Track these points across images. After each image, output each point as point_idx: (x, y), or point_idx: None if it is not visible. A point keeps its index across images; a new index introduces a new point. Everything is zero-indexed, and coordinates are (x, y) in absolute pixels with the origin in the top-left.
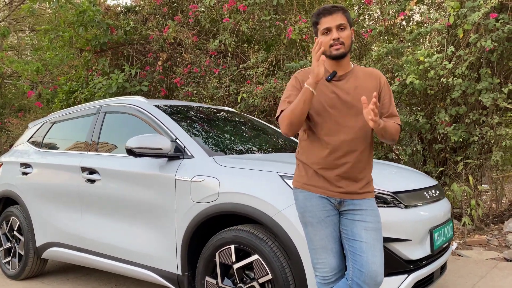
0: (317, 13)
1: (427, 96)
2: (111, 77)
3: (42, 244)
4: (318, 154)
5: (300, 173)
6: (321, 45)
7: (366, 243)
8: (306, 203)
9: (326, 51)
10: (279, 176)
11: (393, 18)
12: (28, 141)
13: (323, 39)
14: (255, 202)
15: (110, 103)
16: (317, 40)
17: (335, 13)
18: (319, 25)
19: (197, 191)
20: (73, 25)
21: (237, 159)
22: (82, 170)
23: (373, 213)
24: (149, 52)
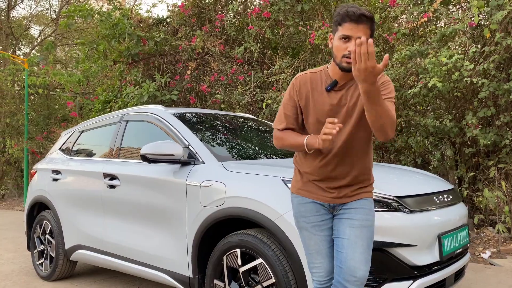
0: (342, 15)
1: (455, 99)
2: (143, 87)
3: (70, 247)
4: (312, 164)
5: (296, 179)
6: (335, 127)
7: (348, 239)
8: (300, 208)
9: (336, 59)
10: (281, 180)
11: (417, 20)
12: (59, 149)
13: (339, 44)
14: (258, 206)
15: (131, 112)
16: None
17: (361, 23)
18: (340, 28)
19: (205, 195)
20: (107, 38)
21: (244, 164)
22: (104, 176)
23: (363, 212)
24: (178, 62)
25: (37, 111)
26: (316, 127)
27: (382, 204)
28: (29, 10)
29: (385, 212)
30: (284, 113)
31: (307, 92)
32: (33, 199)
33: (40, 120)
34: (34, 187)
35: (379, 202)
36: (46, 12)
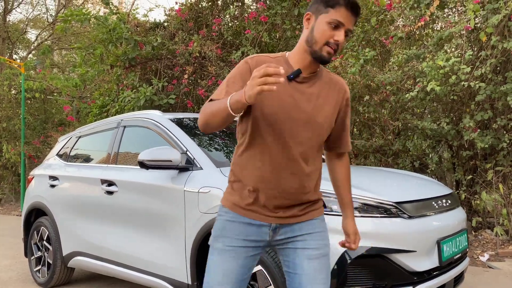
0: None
1: (452, 102)
2: (140, 91)
3: (68, 253)
4: (258, 172)
5: (232, 190)
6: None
7: (306, 275)
8: (225, 226)
9: (315, 46)
10: None
11: (414, 24)
12: (57, 155)
13: (326, 29)
14: None
15: (129, 117)
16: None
17: (355, 15)
18: (332, 10)
19: (204, 202)
20: (104, 42)
21: None
22: (101, 182)
23: (319, 236)
24: (175, 66)
25: (34, 116)
26: (270, 125)
27: (381, 210)
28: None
29: (384, 218)
30: (227, 91)
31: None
32: (30, 205)
33: (37, 124)
34: (31, 193)
35: (377, 208)
36: (43, 16)
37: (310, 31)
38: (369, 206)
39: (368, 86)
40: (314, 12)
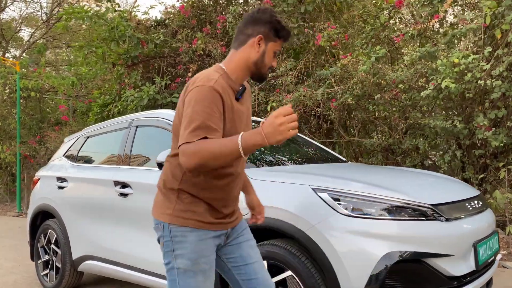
0: (283, 30)
1: (464, 100)
2: (143, 90)
3: (78, 257)
4: (214, 185)
5: (187, 207)
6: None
7: (257, 262)
8: (201, 246)
9: (262, 69)
10: (311, 189)
11: (426, 21)
12: (64, 156)
13: (272, 56)
14: (287, 217)
15: (141, 117)
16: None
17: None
18: (278, 41)
19: None
20: (106, 40)
21: (267, 171)
22: (115, 184)
23: (248, 230)
24: (179, 64)
25: (29, 115)
26: None
27: (417, 212)
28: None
29: (421, 221)
30: (207, 125)
31: (229, 101)
32: (36, 207)
33: (33, 124)
34: (37, 195)
35: (414, 210)
36: (37, 14)
37: (261, 56)
38: (405, 209)
39: (378, 84)
40: (265, 37)
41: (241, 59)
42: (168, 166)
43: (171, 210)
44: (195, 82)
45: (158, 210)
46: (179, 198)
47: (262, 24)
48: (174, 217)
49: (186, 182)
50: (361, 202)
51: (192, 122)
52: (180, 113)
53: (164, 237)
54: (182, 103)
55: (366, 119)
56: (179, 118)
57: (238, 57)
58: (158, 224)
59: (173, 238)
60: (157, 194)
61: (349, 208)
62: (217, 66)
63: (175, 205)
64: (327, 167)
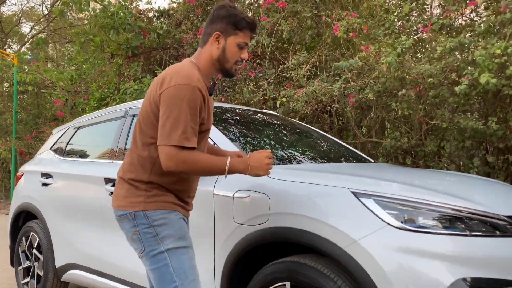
0: (243, 21)
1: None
2: (143, 82)
3: (62, 265)
4: (184, 179)
5: (158, 194)
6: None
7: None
8: (181, 224)
9: (226, 65)
10: (351, 193)
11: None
12: (50, 149)
13: (235, 50)
14: (319, 228)
15: (139, 105)
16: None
17: (254, 32)
18: (240, 33)
19: (241, 210)
20: (104, 28)
21: (292, 170)
22: (106, 181)
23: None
24: (182, 56)
25: (26, 110)
26: (204, 136)
27: (489, 226)
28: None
29: (496, 238)
30: (192, 128)
31: (206, 98)
32: (18, 206)
33: (30, 119)
34: (20, 192)
35: (484, 223)
36: (38, 8)
37: (221, 51)
38: (473, 221)
39: (402, 79)
40: (222, 32)
41: (206, 57)
42: (135, 157)
43: (142, 198)
44: (176, 78)
45: (125, 201)
46: (148, 188)
47: (219, 21)
48: (148, 203)
49: (156, 174)
50: (416, 211)
51: (178, 123)
52: (152, 103)
53: (139, 226)
54: (158, 96)
55: (386, 118)
56: (151, 107)
57: (204, 55)
58: (126, 214)
59: (152, 223)
60: (119, 186)
61: (402, 219)
62: (191, 62)
63: (146, 193)
64: (358, 167)
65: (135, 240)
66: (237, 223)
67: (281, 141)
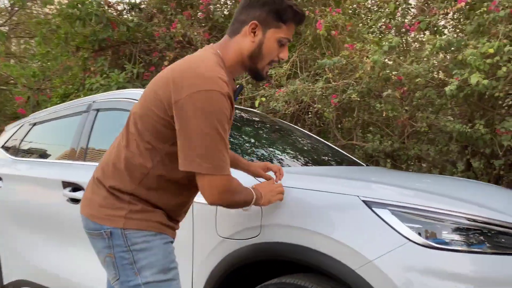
0: (291, 11)
1: (480, 101)
2: (111, 77)
3: (11, 282)
4: (183, 195)
5: (145, 209)
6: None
7: None
8: (168, 249)
9: (259, 64)
10: (362, 202)
11: (448, 7)
12: (2, 147)
13: (274, 46)
14: (324, 245)
15: (104, 98)
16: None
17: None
18: (284, 26)
19: (226, 221)
20: (69, 19)
21: (287, 173)
22: (64, 185)
23: None
24: (154, 51)
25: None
26: None
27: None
28: None
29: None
30: (226, 148)
31: (233, 108)
32: None
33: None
34: None
35: (506, 235)
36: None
37: (257, 47)
38: (496, 234)
39: (387, 79)
40: (262, 23)
41: (235, 50)
42: (123, 162)
43: (123, 211)
44: (201, 81)
45: (101, 212)
46: (133, 201)
47: (259, 7)
48: (130, 220)
49: (144, 187)
50: (441, 224)
51: (214, 144)
52: (160, 104)
53: (115, 247)
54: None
55: (369, 120)
56: (157, 109)
57: (232, 47)
58: (101, 231)
59: (131, 247)
60: (94, 190)
61: (425, 234)
62: (216, 55)
63: (129, 207)
64: (356, 170)
65: (108, 263)
66: (222, 236)
67: (270, 142)
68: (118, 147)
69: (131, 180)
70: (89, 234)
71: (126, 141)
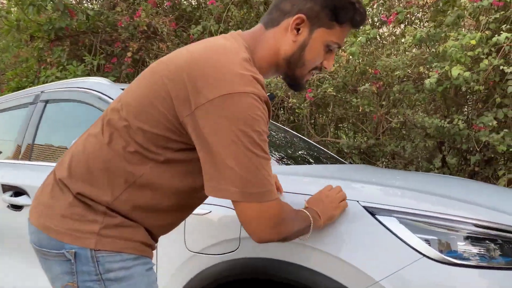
0: (346, 12)
1: (456, 96)
2: (68, 69)
3: None
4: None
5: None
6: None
7: None
8: (151, 278)
9: (299, 71)
10: (362, 208)
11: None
12: None
13: (320, 51)
14: (319, 262)
15: (55, 88)
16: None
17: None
18: (338, 27)
19: (197, 232)
20: (21, 4)
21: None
22: (3, 189)
23: None
24: (116, 42)
25: None
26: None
27: None
28: None
29: None
30: (269, 165)
31: (270, 116)
32: None
33: None
34: None
35: None
36: None
37: (299, 48)
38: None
39: (363, 72)
40: (310, 18)
41: (270, 47)
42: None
43: (96, 226)
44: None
45: (63, 224)
46: (110, 213)
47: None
48: (105, 238)
49: (125, 200)
50: (457, 235)
51: (256, 163)
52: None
53: (79, 275)
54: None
55: (344, 116)
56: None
57: (267, 42)
58: (61, 251)
59: (103, 275)
60: (55, 194)
61: (441, 247)
62: (240, 46)
63: (104, 220)
64: (345, 169)
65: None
66: (192, 251)
67: None
68: (95, 143)
69: (110, 188)
70: (41, 254)
71: (109, 137)
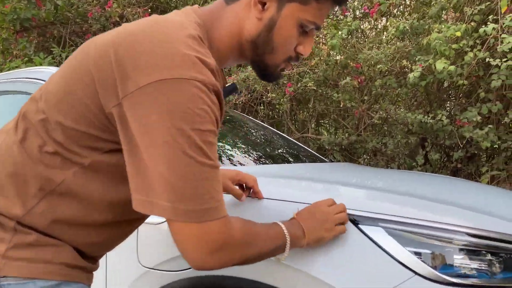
0: None
1: (439, 91)
2: (34, 61)
3: None
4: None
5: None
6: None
7: None
8: None
9: (270, 59)
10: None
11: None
12: None
13: (293, 33)
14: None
15: (4, 78)
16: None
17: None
18: (302, 5)
19: (151, 245)
20: None
21: None
22: None
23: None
24: (87, 33)
25: None
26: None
27: None
28: None
29: None
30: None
31: (223, 109)
32: None
33: None
34: None
35: None
36: None
37: (266, 28)
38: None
39: (345, 66)
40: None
41: (230, 25)
42: (11, 163)
43: (3, 245)
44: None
45: None
46: (21, 229)
47: None
48: (13, 261)
49: (45, 213)
50: (453, 248)
51: (195, 171)
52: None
53: None
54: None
55: (325, 111)
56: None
57: (226, 20)
58: None
59: None
60: None
61: (435, 263)
62: (195, 24)
63: (13, 238)
64: (323, 169)
65: None
66: (146, 266)
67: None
68: (5, 141)
69: (20, 198)
70: None
71: (22, 133)
